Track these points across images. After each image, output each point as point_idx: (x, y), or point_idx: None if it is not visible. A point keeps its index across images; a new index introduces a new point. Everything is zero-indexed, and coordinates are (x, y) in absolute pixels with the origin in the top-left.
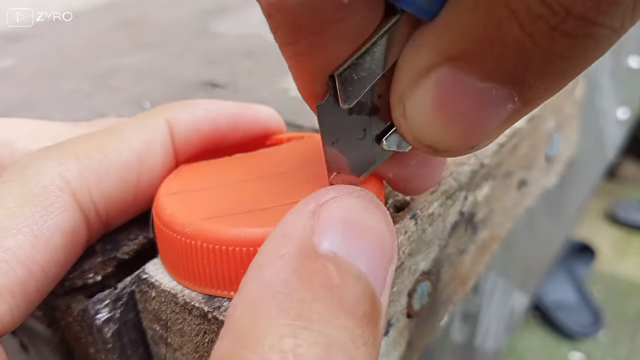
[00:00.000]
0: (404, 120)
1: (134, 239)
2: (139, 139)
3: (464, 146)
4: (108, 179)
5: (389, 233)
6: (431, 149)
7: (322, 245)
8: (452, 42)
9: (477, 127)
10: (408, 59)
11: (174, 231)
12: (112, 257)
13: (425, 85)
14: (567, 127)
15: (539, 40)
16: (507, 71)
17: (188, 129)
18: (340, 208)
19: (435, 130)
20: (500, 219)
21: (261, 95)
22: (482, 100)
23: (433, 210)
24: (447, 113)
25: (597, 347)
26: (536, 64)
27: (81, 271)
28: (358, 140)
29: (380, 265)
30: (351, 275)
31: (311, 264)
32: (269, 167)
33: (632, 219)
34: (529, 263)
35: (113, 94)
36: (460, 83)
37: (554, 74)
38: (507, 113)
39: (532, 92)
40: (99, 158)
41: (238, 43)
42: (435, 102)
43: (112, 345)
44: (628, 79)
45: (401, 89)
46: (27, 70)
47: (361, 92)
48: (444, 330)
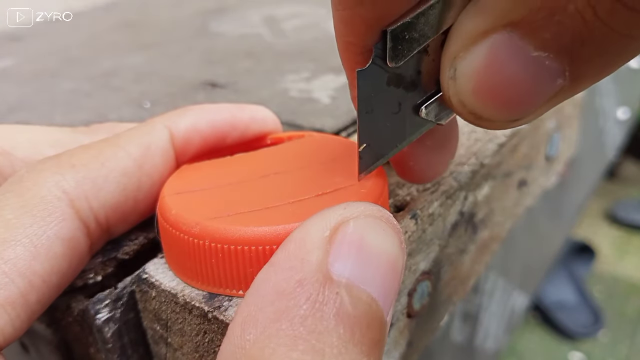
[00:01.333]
0: (453, 82)
1: (134, 239)
2: (136, 144)
3: (507, 117)
4: (106, 186)
5: (401, 255)
6: (473, 115)
7: (335, 270)
8: (512, 7)
9: (524, 98)
10: (466, 21)
11: (181, 231)
12: (112, 257)
13: (480, 48)
14: (567, 127)
15: (600, 12)
16: (563, 42)
17: (187, 130)
18: (356, 231)
19: (482, 96)
20: (500, 219)
21: (261, 95)
22: (534, 69)
23: (433, 210)
24: (497, 78)
25: (597, 347)
26: (593, 38)
27: (81, 271)
28: (392, 114)
29: (391, 288)
30: (363, 302)
31: (327, 292)
32: (271, 166)
33: (632, 219)
34: (529, 263)
35: (113, 94)
36: (515, 49)
37: (609, 52)
38: (555, 88)
39: (584, 68)
40: (96, 166)
41: (238, 43)
42: (488, 65)
43: (112, 345)
44: (628, 79)
45: (455, 49)
46: (27, 70)
47: (410, 53)
48: (444, 330)
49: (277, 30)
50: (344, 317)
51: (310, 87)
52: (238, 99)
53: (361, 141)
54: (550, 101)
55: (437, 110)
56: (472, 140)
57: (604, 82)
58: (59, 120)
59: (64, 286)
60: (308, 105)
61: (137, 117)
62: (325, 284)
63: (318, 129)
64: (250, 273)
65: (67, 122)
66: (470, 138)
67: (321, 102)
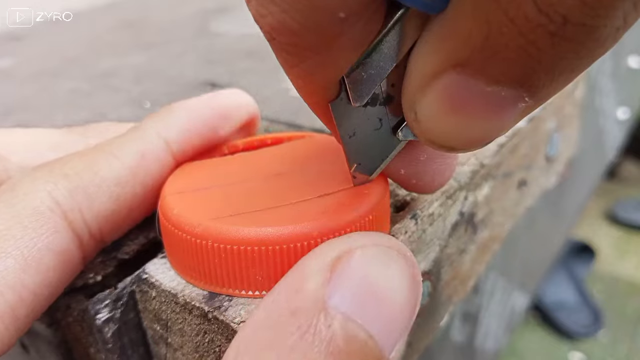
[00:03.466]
0: (417, 124)
1: (134, 239)
2: (130, 152)
3: (478, 144)
4: (100, 196)
5: (413, 290)
6: (446, 148)
7: (332, 301)
8: (456, 49)
9: (489, 128)
10: (416, 63)
11: (183, 231)
12: (112, 257)
13: (433, 91)
14: (567, 127)
15: (542, 46)
16: (514, 75)
17: (182, 131)
18: (359, 263)
19: (448, 133)
20: (500, 219)
21: (261, 95)
22: (492, 103)
23: (433, 210)
24: (457, 117)
25: (597, 347)
26: (542, 66)
27: (81, 271)
28: (375, 131)
29: (394, 327)
30: (358, 340)
31: (319, 323)
32: (273, 166)
33: (632, 219)
34: (529, 263)
35: (113, 94)
36: (468, 88)
37: (562, 71)
38: (518, 111)
39: (543, 90)
40: (89, 176)
41: (238, 43)
42: (444, 107)
43: (112, 345)
44: (628, 79)
45: (411, 94)
46: (27, 70)
47: (372, 89)
48: (444, 330)
49: None
50: (334, 352)
51: None
52: None
53: (351, 162)
54: (517, 118)
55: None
56: None
57: (604, 82)
58: (60, 120)
59: (54, 298)
60: None
61: (137, 117)
62: (319, 315)
63: (318, 129)
64: (253, 273)
65: (68, 122)
66: None
67: None
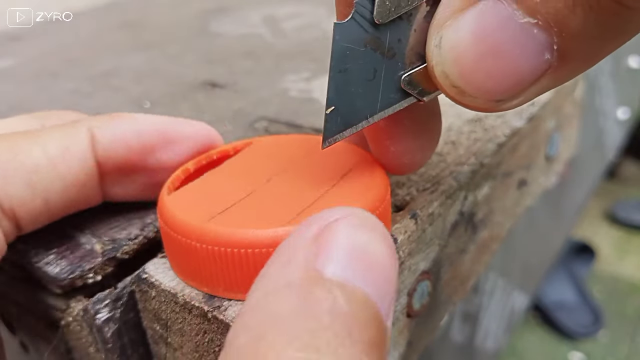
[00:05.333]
0: (438, 51)
1: (134, 239)
2: (55, 144)
3: (491, 95)
4: (14, 179)
5: (393, 257)
6: (456, 90)
7: (327, 270)
8: None
9: (510, 71)
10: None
11: (180, 233)
12: (112, 257)
13: (468, 15)
14: (567, 127)
15: None
16: (554, 8)
17: (112, 139)
18: (344, 231)
19: (467, 66)
20: (500, 219)
21: (261, 95)
22: (522, 39)
23: (433, 210)
24: (483, 48)
25: (597, 347)
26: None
27: (81, 271)
28: (366, 81)
29: (387, 289)
30: (359, 300)
31: (318, 290)
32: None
33: (632, 219)
34: (529, 263)
35: (113, 94)
36: (504, 14)
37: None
38: (543, 66)
39: (573, 44)
40: (8, 157)
41: (238, 43)
42: (474, 32)
43: (112, 345)
44: (628, 79)
45: (444, 16)
46: (27, 70)
47: (397, 12)
48: (444, 330)
49: (277, 30)
50: (339, 314)
51: (310, 87)
52: (238, 99)
53: (329, 103)
54: (535, 83)
55: (418, 84)
56: (471, 140)
57: (604, 82)
58: None
59: None
60: (308, 105)
61: None
62: (317, 283)
63: (318, 129)
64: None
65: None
66: (470, 138)
67: (321, 102)
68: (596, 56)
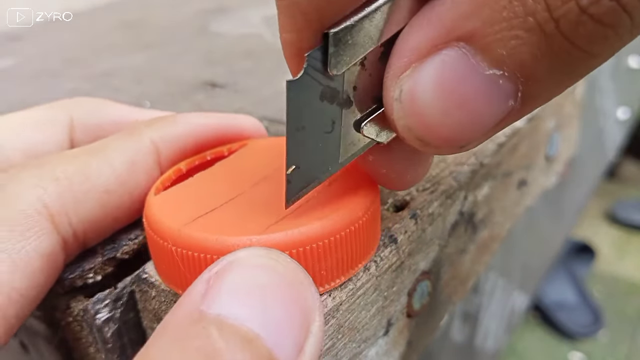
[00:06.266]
0: (399, 105)
1: (134, 239)
2: (122, 160)
3: (455, 143)
4: (87, 202)
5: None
6: (420, 142)
7: (211, 310)
8: (465, 19)
9: (474, 122)
10: (413, 32)
11: (158, 235)
12: (112, 257)
13: (429, 65)
14: (567, 127)
15: (563, 25)
16: (520, 59)
17: (174, 148)
18: (237, 271)
19: (431, 120)
20: (500, 219)
21: (261, 95)
22: (487, 90)
23: (433, 210)
24: (447, 101)
25: (597, 347)
26: (551, 54)
27: (81, 271)
28: (325, 134)
29: (288, 327)
30: (238, 337)
31: (193, 329)
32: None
33: (632, 219)
34: (529, 263)
35: (113, 94)
36: (468, 66)
37: (564, 70)
38: (505, 111)
39: (537, 88)
40: (80, 181)
41: (238, 43)
42: (437, 85)
43: (112, 345)
44: (628, 79)
45: (400, 66)
46: (27, 70)
47: (353, 60)
48: (444, 330)
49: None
50: (211, 351)
51: None
52: (238, 99)
53: (289, 162)
54: (498, 125)
55: (378, 128)
56: None
57: (604, 82)
58: None
59: (40, 299)
60: None
61: None
62: (194, 323)
63: None
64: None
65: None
66: None
67: None
68: (559, 93)
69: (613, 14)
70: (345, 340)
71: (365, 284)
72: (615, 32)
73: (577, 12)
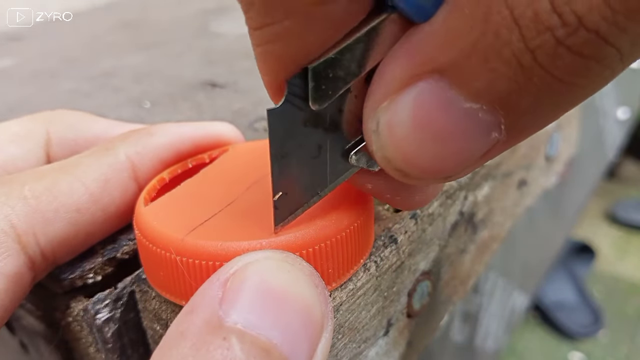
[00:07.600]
0: (377, 136)
1: (134, 239)
2: (94, 177)
3: (438, 175)
4: (57, 222)
5: (315, 298)
6: (400, 173)
7: (229, 317)
8: (440, 51)
9: (456, 155)
10: (390, 64)
11: (160, 247)
12: (112, 257)
13: (405, 97)
14: (567, 127)
15: (540, 57)
16: (498, 92)
17: (153, 160)
18: (255, 275)
19: (409, 152)
20: (500, 219)
21: (261, 95)
22: (466, 123)
23: (433, 210)
24: (425, 134)
25: (597, 347)
26: (531, 86)
27: (81, 271)
28: (311, 159)
29: (301, 333)
30: (260, 349)
31: (213, 339)
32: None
33: (632, 219)
34: (529, 263)
35: (113, 94)
36: (444, 99)
37: (549, 102)
38: (490, 143)
39: (522, 120)
40: (48, 200)
41: (238, 43)
42: (414, 119)
43: (112, 345)
44: (628, 79)
45: (378, 98)
46: (27, 70)
47: (335, 94)
48: (444, 330)
49: None
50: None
51: None
52: (238, 99)
53: (276, 189)
54: (484, 157)
55: (367, 158)
56: None
57: None
58: None
59: (6, 319)
60: None
61: (137, 117)
62: (214, 332)
63: None
64: None
65: None
66: None
67: None
68: (549, 123)
69: (594, 46)
70: (346, 340)
71: (365, 284)
72: (599, 64)
73: (554, 43)
